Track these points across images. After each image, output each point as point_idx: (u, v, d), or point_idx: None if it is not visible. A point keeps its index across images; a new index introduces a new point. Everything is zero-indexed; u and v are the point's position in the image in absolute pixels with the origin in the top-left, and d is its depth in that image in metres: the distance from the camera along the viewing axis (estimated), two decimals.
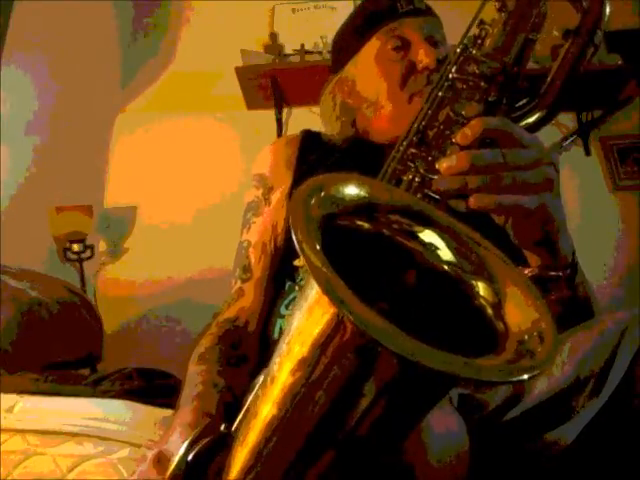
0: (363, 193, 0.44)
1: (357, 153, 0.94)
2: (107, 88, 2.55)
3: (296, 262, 0.88)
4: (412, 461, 0.47)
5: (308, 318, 0.38)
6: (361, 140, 0.98)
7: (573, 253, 0.67)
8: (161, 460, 0.56)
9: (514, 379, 0.33)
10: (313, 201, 0.40)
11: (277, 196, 0.94)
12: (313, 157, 0.96)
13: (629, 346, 0.58)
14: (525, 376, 0.33)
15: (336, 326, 0.35)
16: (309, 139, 1.01)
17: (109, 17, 2.54)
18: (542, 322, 0.37)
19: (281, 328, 0.85)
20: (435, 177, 0.57)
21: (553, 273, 0.64)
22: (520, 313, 0.39)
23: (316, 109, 1.08)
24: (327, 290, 0.33)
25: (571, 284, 0.66)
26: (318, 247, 0.36)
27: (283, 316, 0.87)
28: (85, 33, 2.32)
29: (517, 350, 0.35)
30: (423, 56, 0.89)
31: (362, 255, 0.44)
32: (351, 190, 0.43)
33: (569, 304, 0.67)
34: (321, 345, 0.36)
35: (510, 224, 0.62)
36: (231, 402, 0.69)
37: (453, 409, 0.58)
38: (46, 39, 2.13)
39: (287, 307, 0.88)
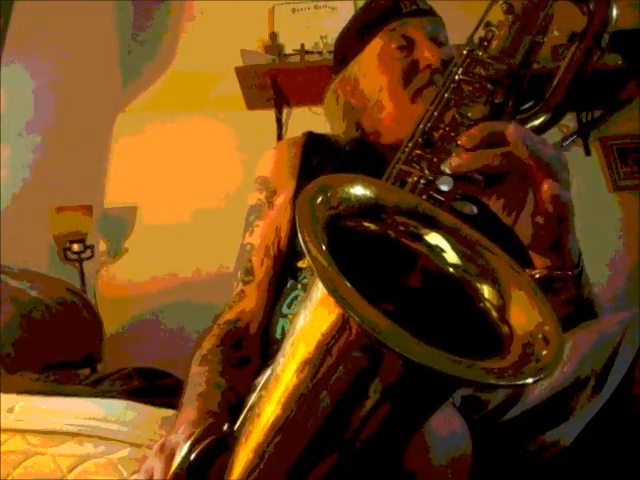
0: (369, 194, 0.44)
1: (361, 155, 0.94)
2: (107, 88, 2.54)
3: (300, 263, 0.88)
4: (414, 463, 0.47)
5: (313, 319, 0.38)
6: (365, 141, 0.98)
7: (579, 254, 0.67)
8: (164, 448, 0.57)
9: (519, 382, 0.33)
10: (319, 201, 0.40)
11: (280, 199, 0.94)
12: (317, 160, 0.95)
13: (630, 346, 0.57)
14: (530, 380, 0.33)
15: (341, 327, 0.35)
16: (313, 141, 1.00)
17: (109, 17, 2.53)
18: (547, 325, 0.37)
19: (283, 328, 0.85)
20: (441, 176, 0.57)
21: (562, 273, 0.64)
22: (525, 316, 0.39)
23: (316, 109, 1.08)
24: (332, 291, 0.33)
25: (578, 284, 0.67)
26: (324, 248, 0.36)
27: (285, 315, 0.87)
28: (85, 33, 2.32)
29: (522, 353, 0.35)
30: (428, 54, 0.89)
31: (368, 256, 0.44)
32: (357, 191, 0.43)
33: (576, 304, 0.67)
34: (326, 346, 0.36)
35: (524, 224, 0.62)
36: (234, 402, 0.69)
37: (455, 410, 0.58)
38: (46, 39, 2.12)
39: (289, 306, 0.87)
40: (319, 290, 0.37)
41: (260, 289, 0.89)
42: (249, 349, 0.84)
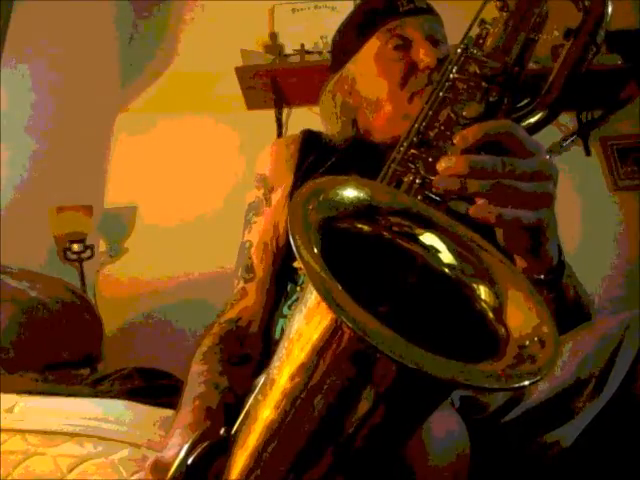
0: (363, 195, 0.44)
1: (357, 154, 0.94)
2: (107, 88, 2.54)
3: (295, 264, 0.88)
4: (412, 463, 0.47)
5: (307, 323, 0.38)
6: (361, 140, 0.98)
7: (560, 256, 0.66)
8: (158, 466, 0.56)
9: (514, 385, 0.33)
10: (312, 205, 0.40)
11: (277, 196, 0.94)
12: (313, 157, 0.96)
13: (630, 347, 0.57)
14: (526, 382, 0.33)
15: (334, 331, 0.35)
16: (310, 139, 1.00)
17: (109, 17, 2.53)
18: (543, 327, 0.37)
19: (283, 329, 0.85)
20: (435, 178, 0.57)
21: (534, 276, 0.64)
22: (521, 317, 0.39)
23: (316, 109, 1.07)
24: (325, 295, 0.33)
25: (554, 286, 0.66)
26: (316, 251, 0.36)
27: (286, 316, 0.87)
28: (85, 33, 2.32)
29: (518, 355, 0.35)
30: (424, 55, 0.88)
31: (362, 258, 0.44)
32: (350, 193, 0.43)
33: (558, 305, 0.67)
34: (320, 350, 0.36)
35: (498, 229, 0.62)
36: (232, 403, 0.69)
37: (453, 411, 0.58)
38: (46, 39, 2.12)
39: (290, 308, 0.88)
40: (312, 294, 0.37)
41: (261, 286, 0.89)
42: (250, 348, 0.84)
